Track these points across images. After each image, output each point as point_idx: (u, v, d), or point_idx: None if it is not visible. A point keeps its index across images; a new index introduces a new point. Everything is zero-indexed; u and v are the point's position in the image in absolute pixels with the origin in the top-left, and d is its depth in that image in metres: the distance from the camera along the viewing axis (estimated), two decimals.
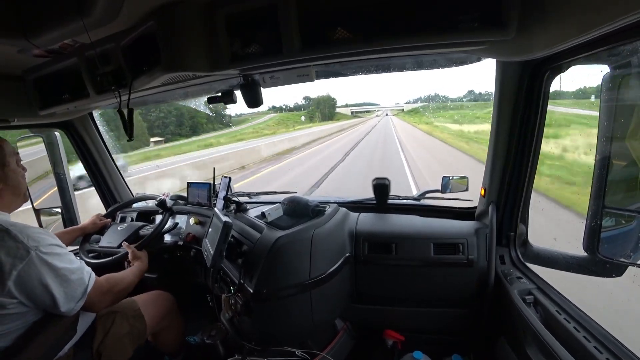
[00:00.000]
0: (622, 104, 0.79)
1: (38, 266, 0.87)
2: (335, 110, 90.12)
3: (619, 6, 0.53)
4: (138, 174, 8.38)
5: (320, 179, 8.75)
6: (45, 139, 1.80)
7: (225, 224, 1.16)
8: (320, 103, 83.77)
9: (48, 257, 0.89)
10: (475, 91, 65.72)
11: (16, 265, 0.84)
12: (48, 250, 0.90)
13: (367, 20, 0.81)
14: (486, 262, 1.24)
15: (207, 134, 35.21)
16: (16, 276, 0.84)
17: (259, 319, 1.20)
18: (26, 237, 0.88)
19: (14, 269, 0.84)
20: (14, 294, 0.84)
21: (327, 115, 79.60)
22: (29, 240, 0.88)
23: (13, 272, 0.83)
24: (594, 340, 0.81)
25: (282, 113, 68.72)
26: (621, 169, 0.82)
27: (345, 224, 1.39)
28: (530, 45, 0.78)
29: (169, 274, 1.76)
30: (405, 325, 1.42)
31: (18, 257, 0.85)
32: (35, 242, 0.88)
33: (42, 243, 0.90)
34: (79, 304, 0.97)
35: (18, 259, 0.85)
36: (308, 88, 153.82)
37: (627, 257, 0.83)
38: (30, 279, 0.86)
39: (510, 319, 1.07)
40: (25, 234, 0.88)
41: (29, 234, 0.89)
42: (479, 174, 1.36)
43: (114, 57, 1.00)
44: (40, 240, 0.90)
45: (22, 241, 0.87)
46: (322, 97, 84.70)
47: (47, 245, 0.91)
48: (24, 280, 0.85)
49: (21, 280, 0.85)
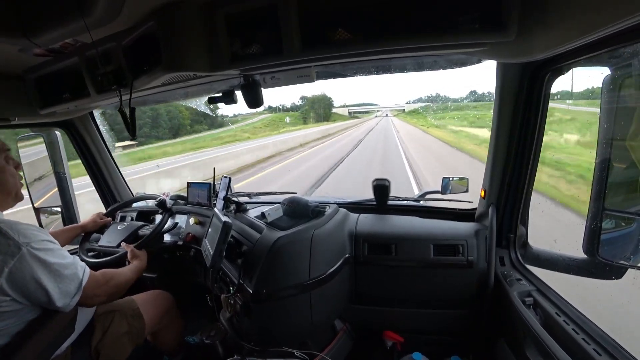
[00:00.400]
0: (622, 106, 0.79)
1: (30, 262, 0.85)
2: (331, 110, 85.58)
3: (620, 8, 0.53)
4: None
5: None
6: (46, 138, 1.80)
7: (225, 224, 1.16)
8: (315, 103, 77.74)
9: (40, 252, 0.88)
10: (477, 91, 63.11)
11: (7, 262, 0.83)
12: (40, 246, 0.89)
13: (368, 21, 0.81)
14: (486, 264, 1.24)
15: (188, 136, 31.42)
16: (8, 273, 0.82)
17: (258, 319, 1.20)
18: (17, 234, 0.86)
19: (5, 265, 0.82)
20: (7, 291, 0.83)
21: (322, 116, 73.25)
22: (19, 236, 0.86)
23: (5, 269, 0.82)
24: (593, 343, 0.81)
25: (276, 114, 64.00)
26: (621, 172, 0.82)
27: (345, 225, 1.39)
28: (531, 47, 0.78)
29: (169, 273, 1.76)
30: (404, 326, 1.42)
31: (9, 254, 0.83)
32: (26, 238, 0.87)
33: (34, 239, 0.88)
34: (75, 298, 0.95)
35: (9, 256, 0.83)
36: (306, 88, 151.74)
37: (626, 260, 0.83)
38: (22, 276, 0.84)
39: (510, 321, 1.07)
40: (15, 230, 0.86)
41: (19, 230, 0.87)
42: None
43: (115, 57, 1.00)
44: (32, 236, 0.88)
45: (13, 237, 0.85)
46: (316, 96, 77.81)
47: (38, 241, 0.89)
48: (16, 277, 0.84)
49: (13, 277, 0.83)
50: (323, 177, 9.01)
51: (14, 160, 1.03)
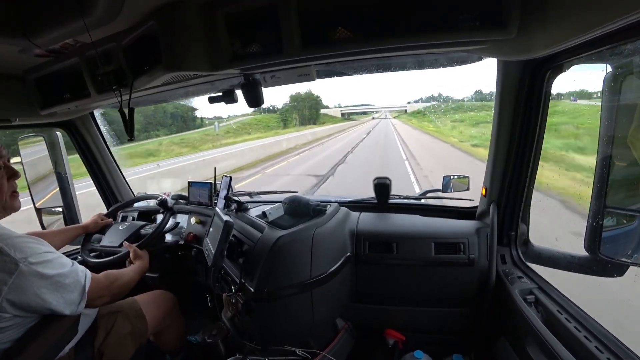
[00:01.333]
0: (624, 103, 0.78)
1: (29, 278, 0.82)
2: (319, 111, 68.27)
3: (620, 5, 0.53)
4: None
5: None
6: (47, 139, 1.80)
7: (227, 224, 1.16)
8: (299, 101, 60.62)
9: (38, 267, 0.85)
10: (483, 91, 58.79)
11: (6, 281, 0.79)
12: (37, 259, 0.85)
13: (368, 19, 0.80)
14: (487, 262, 1.24)
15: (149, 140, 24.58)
16: (7, 292, 0.79)
17: (259, 318, 1.20)
18: (12, 249, 0.82)
19: (4, 285, 0.79)
20: (8, 309, 0.81)
21: (308, 118, 58.68)
22: (15, 252, 0.82)
23: (4, 288, 0.79)
24: (595, 340, 0.81)
25: (260, 115, 49.11)
26: (623, 169, 0.81)
27: (346, 224, 1.39)
28: (531, 45, 0.78)
29: (170, 273, 1.77)
30: (406, 325, 1.42)
31: (6, 272, 0.80)
32: (22, 253, 0.83)
33: (30, 253, 0.85)
34: (81, 305, 0.95)
35: (7, 274, 0.80)
36: (300, 87, 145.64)
37: (628, 257, 0.82)
38: (23, 293, 0.82)
39: (511, 319, 1.07)
40: (11, 246, 0.83)
41: (15, 245, 0.83)
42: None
43: (115, 57, 1.00)
44: (28, 250, 0.85)
45: (9, 254, 0.81)
46: (299, 94, 60.29)
47: (35, 255, 0.86)
48: (17, 294, 0.81)
49: (14, 295, 0.81)
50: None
51: (9, 168, 0.98)
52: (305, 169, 11.04)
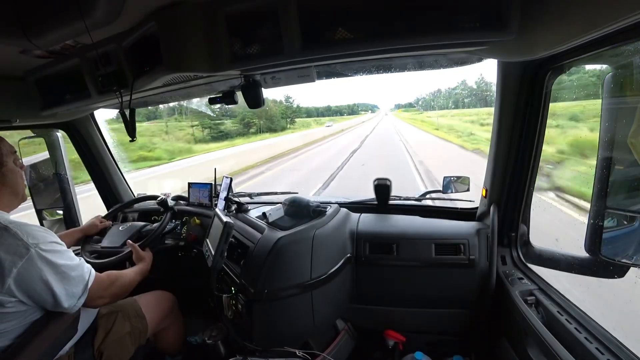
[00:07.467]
0: (624, 104, 0.78)
1: (38, 263, 0.87)
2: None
3: (621, 6, 0.53)
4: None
5: None
6: (47, 140, 1.80)
7: (227, 225, 1.16)
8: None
9: (48, 254, 0.89)
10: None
11: (16, 263, 0.84)
12: (48, 247, 0.90)
13: (368, 20, 0.80)
14: (487, 263, 1.23)
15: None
16: (16, 274, 0.83)
17: (259, 319, 1.20)
18: (26, 235, 0.87)
19: (14, 266, 0.83)
20: (14, 292, 0.84)
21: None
22: (28, 237, 0.87)
23: (13, 270, 0.83)
24: (595, 342, 0.80)
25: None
26: (624, 170, 0.81)
27: (346, 225, 1.39)
28: (532, 46, 0.78)
29: (171, 274, 1.77)
30: (406, 326, 1.42)
31: (18, 255, 0.84)
32: (35, 239, 0.88)
33: (42, 240, 0.89)
34: (81, 300, 0.97)
35: (18, 257, 0.84)
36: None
37: (629, 258, 0.82)
38: (30, 277, 0.85)
39: (512, 320, 1.07)
40: (24, 232, 0.88)
41: (28, 232, 0.88)
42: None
43: (116, 58, 1.00)
44: (40, 238, 0.90)
45: (22, 238, 0.86)
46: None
47: (47, 243, 0.90)
48: (25, 277, 0.85)
49: (21, 277, 0.84)
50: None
51: (20, 162, 1.06)
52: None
